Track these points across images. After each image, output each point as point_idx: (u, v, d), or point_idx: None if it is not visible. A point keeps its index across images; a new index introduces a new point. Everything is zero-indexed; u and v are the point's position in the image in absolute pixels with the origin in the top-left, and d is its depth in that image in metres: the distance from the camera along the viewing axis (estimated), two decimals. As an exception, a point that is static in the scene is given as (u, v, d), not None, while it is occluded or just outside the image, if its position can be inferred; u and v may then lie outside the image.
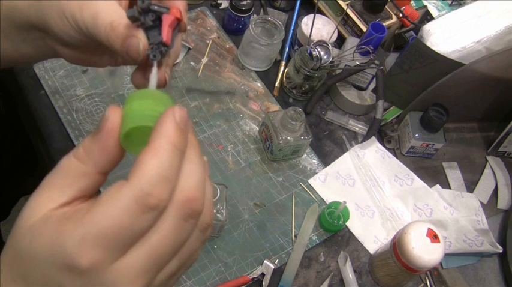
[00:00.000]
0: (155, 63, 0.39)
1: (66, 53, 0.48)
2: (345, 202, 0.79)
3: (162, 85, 0.44)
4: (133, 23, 0.40)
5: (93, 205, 0.30)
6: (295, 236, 0.81)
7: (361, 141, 0.93)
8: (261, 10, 1.06)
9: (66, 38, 0.45)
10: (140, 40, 0.40)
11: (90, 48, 0.48)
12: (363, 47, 0.89)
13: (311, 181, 0.87)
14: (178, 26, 0.41)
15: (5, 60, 0.50)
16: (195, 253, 0.36)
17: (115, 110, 0.33)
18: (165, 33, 0.40)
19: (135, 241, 0.30)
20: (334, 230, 0.83)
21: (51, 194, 0.32)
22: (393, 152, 0.94)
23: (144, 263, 0.31)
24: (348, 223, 0.83)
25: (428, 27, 0.93)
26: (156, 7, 0.40)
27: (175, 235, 0.31)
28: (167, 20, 0.40)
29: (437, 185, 0.92)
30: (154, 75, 0.38)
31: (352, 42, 0.94)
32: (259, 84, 0.96)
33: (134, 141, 0.33)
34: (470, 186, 0.95)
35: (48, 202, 0.32)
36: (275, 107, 0.94)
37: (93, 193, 0.33)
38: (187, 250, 0.33)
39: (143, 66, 0.44)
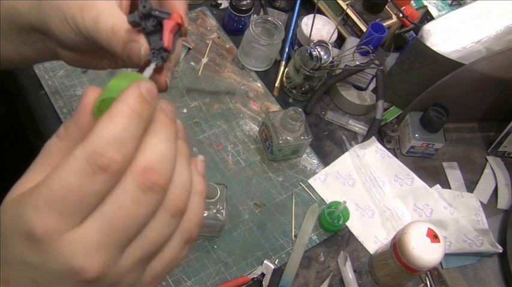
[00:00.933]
0: (154, 63, 0.39)
1: (66, 56, 0.48)
2: (345, 202, 0.79)
3: (163, 89, 0.44)
4: (134, 28, 0.40)
5: (50, 172, 0.29)
6: (295, 236, 0.81)
7: (361, 141, 0.93)
8: (261, 10, 1.06)
9: (67, 41, 0.45)
10: (141, 45, 0.40)
11: (91, 51, 0.48)
12: (363, 47, 0.89)
13: (311, 181, 0.87)
14: (179, 31, 0.41)
15: (5, 61, 0.50)
16: (170, 244, 0.34)
17: (92, 88, 0.33)
18: (166, 39, 0.40)
19: (90, 210, 0.29)
20: (334, 230, 0.83)
21: (32, 175, 0.32)
22: (393, 152, 0.94)
23: (100, 235, 0.29)
24: (348, 223, 0.83)
25: (428, 27, 0.93)
26: (157, 12, 0.40)
27: (132, 207, 0.30)
28: (168, 25, 0.40)
29: (437, 185, 0.92)
30: (150, 69, 0.38)
31: (352, 42, 0.94)
32: (259, 84, 0.96)
33: None
34: (470, 186, 0.95)
35: (28, 182, 0.31)
36: (275, 107, 0.94)
37: None
38: (154, 231, 0.32)
39: (144, 70, 0.45)
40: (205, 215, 0.73)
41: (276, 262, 0.77)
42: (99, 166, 0.28)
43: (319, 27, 0.95)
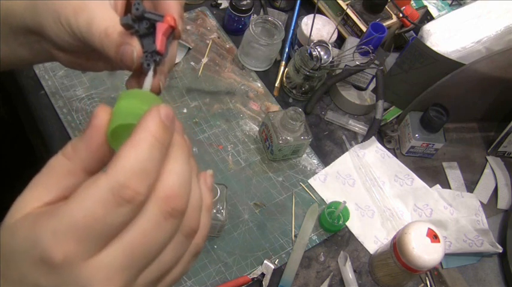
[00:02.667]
0: (152, 68, 0.39)
1: (62, 57, 0.48)
2: (345, 202, 0.79)
3: (156, 92, 0.44)
4: (128, 30, 0.40)
5: (70, 199, 0.29)
6: (295, 236, 0.81)
7: (361, 142, 0.93)
8: (261, 10, 1.06)
9: (61, 43, 0.45)
10: (134, 48, 0.40)
11: (86, 53, 0.48)
12: (363, 47, 0.89)
13: (311, 181, 0.87)
14: (172, 33, 0.41)
15: (2, 63, 0.50)
16: (180, 262, 0.34)
17: (104, 109, 0.32)
18: (159, 42, 0.39)
19: (111, 237, 0.29)
20: (334, 230, 0.83)
21: (37, 193, 0.32)
22: (393, 152, 0.94)
23: (121, 261, 0.29)
24: (348, 223, 0.83)
25: (428, 27, 0.93)
26: (150, 15, 0.39)
27: (154, 234, 0.30)
28: (161, 28, 0.40)
29: (437, 185, 0.92)
30: (149, 78, 0.38)
31: (352, 42, 0.94)
32: (259, 84, 0.96)
33: (122, 140, 0.32)
34: (470, 186, 0.95)
35: (33, 200, 0.31)
36: (275, 107, 0.94)
37: None
38: (169, 254, 0.32)
39: (137, 73, 0.44)
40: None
41: (276, 262, 0.77)
42: (124, 198, 0.29)
43: (319, 27, 0.95)
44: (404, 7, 1.01)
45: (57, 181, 0.32)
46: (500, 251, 0.85)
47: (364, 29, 0.97)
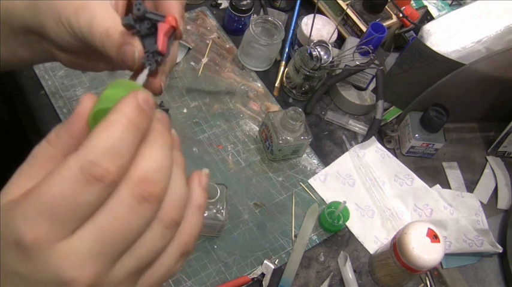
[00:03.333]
0: (148, 67, 0.39)
1: (62, 57, 0.48)
2: (345, 202, 0.79)
3: (158, 93, 0.44)
4: (129, 30, 0.40)
5: (42, 180, 0.29)
6: (295, 236, 0.81)
7: (361, 142, 0.93)
8: (261, 10, 1.06)
9: (62, 43, 0.45)
10: (136, 48, 0.40)
11: (86, 53, 0.48)
12: (363, 47, 0.89)
13: (311, 181, 0.87)
14: (173, 34, 0.41)
15: (3, 63, 0.50)
16: (164, 257, 0.33)
17: (89, 97, 0.32)
18: (161, 42, 0.39)
19: (82, 219, 0.29)
20: (334, 230, 0.83)
21: (20, 181, 0.31)
22: (393, 152, 0.94)
23: (93, 246, 0.29)
24: (348, 223, 0.83)
25: (428, 27, 0.93)
26: (151, 15, 0.39)
27: (127, 218, 0.29)
28: (162, 29, 0.39)
29: (437, 185, 0.92)
30: (143, 75, 0.38)
31: (352, 42, 0.94)
32: (259, 84, 0.96)
33: None
34: (470, 186, 0.95)
35: (16, 188, 0.31)
36: (275, 107, 0.94)
37: None
38: (147, 244, 0.31)
39: (138, 73, 0.44)
40: (205, 215, 0.73)
41: (276, 262, 0.77)
42: (93, 176, 0.28)
43: (319, 27, 0.95)
44: (404, 7, 1.01)
45: (39, 168, 0.31)
46: (500, 251, 0.85)
47: (364, 29, 0.97)
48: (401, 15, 1.00)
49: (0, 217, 0.29)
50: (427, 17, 1.06)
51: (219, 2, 1.04)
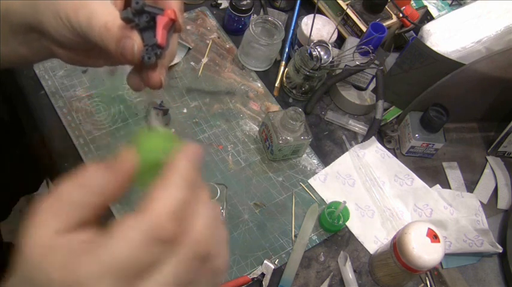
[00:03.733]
0: (153, 112, 0.39)
1: (62, 54, 0.48)
2: (345, 202, 0.79)
3: (157, 86, 0.44)
4: (128, 24, 0.40)
5: (107, 239, 0.30)
6: (295, 236, 0.81)
7: (361, 142, 0.93)
8: (261, 10, 1.06)
9: (62, 39, 0.45)
10: (135, 41, 0.40)
11: (86, 50, 0.48)
12: (363, 47, 0.89)
13: (311, 181, 0.87)
14: (173, 27, 0.41)
15: (3, 61, 0.50)
16: None
17: (129, 149, 0.33)
18: (160, 35, 0.39)
19: (145, 273, 0.30)
20: (334, 230, 0.83)
21: (52, 222, 0.31)
22: (393, 152, 0.95)
23: None
24: (348, 223, 0.83)
25: (428, 27, 0.93)
26: (150, 8, 0.39)
27: (182, 275, 0.31)
28: (161, 22, 0.39)
29: (437, 185, 0.92)
30: (154, 119, 0.39)
31: (352, 42, 0.94)
32: (259, 84, 0.96)
33: (144, 178, 0.33)
34: (470, 186, 0.95)
35: (43, 228, 0.31)
36: (275, 107, 0.94)
37: (96, 221, 0.33)
38: None
39: (138, 67, 0.44)
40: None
41: (276, 262, 0.77)
42: (159, 239, 0.30)
43: (319, 27, 0.95)
44: (404, 7, 1.01)
45: (72, 212, 0.32)
46: (500, 251, 0.85)
47: (364, 29, 0.97)
48: (401, 15, 1.00)
49: (55, 262, 0.30)
50: (427, 17, 1.06)
51: (219, 2, 1.04)
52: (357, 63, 0.91)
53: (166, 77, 0.45)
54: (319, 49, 0.89)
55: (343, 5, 0.99)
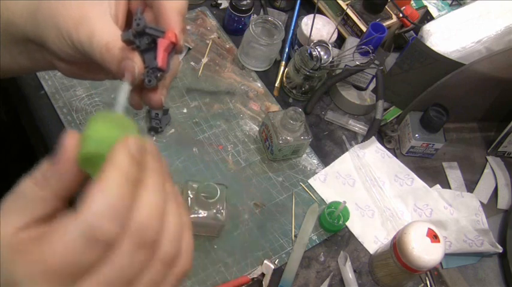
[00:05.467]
0: (127, 81, 0.39)
1: (62, 68, 0.48)
2: (345, 202, 0.79)
3: (158, 107, 0.44)
4: (129, 45, 0.40)
5: (44, 239, 0.30)
6: (295, 236, 0.81)
7: (361, 141, 0.93)
8: (261, 10, 1.06)
9: (62, 55, 0.44)
10: (136, 64, 0.40)
11: (87, 64, 0.48)
12: (363, 47, 0.89)
13: (311, 181, 0.87)
14: (174, 49, 0.41)
15: (4, 71, 0.49)
16: (165, 284, 0.34)
17: (72, 135, 0.33)
18: (160, 58, 0.39)
19: (84, 273, 0.30)
20: (334, 230, 0.83)
21: (9, 219, 0.32)
22: (393, 152, 0.94)
23: None
24: (348, 223, 0.83)
25: (428, 27, 0.93)
26: (151, 30, 0.39)
27: (128, 267, 0.31)
28: (162, 44, 0.39)
29: (437, 185, 0.92)
30: (124, 93, 0.37)
31: (352, 42, 0.94)
32: (259, 84, 0.96)
33: (92, 164, 0.32)
34: (470, 186, 0.95)
35: (5, 226, 0.31)
36: (275, 107, 0.94)
37: (52, 217, 0.33)
38: (146, 281, 0.32)
39: (139, 87, 0.44)
40: (205, 215, 0.73)
41: (276, 262, 0.77)
42: (95, 239, 0.29)
43: (319, 27, 0.95)
44: (404, 7, 1.01)
45: (29, 208, 0.32)
46: (500, 251, 0.85)
47: (364, 29, 0.97)
48: (401, 15, 1.00)
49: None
50: (427, 17, 1.06)
51: (219, 2, 1.04)
52: (357, 63, 0.91)
53: (167, 96, 0.45)
54: (319, 49, 0.89)
55: (343, 5, 0.99)
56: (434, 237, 0.71)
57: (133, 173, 0.31)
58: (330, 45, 0.90)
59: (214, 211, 0.73)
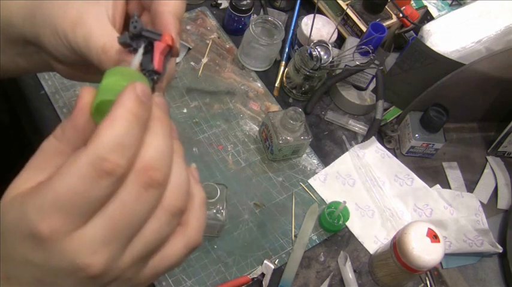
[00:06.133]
0: (142, 47, 0.39)
1: (60, 69, 0.48)
2: (345, 202, 0.79)
3: None
4: (125, 48, 0.40)
5: (54, 175, 0.30)
6: (295, 236, 0.81)
7: (361, 141, 0.93)
8: (261, 10, 1.06)
9: (59, 56, 0.44)
10: (132, 66, 0.40)
11: (84, 66, 0.48)
12: (363, 47, 0.89)
13: (311, 181, 0.87)
14: (170, 51, 0.41)
15: (1, 71, 0.49)
16: (171, 246, 0.35)
17: (87, 89, 0.34)
18: (157, 61, 0.39)
19: (94, 210, 0.30)
20: (334, 230, 0.83)
21: (30, 174, 0.33)
22: (393, 152, 0.94)
23: (104, 233, 0.30)
24: (348, 223, 0.83)
25: (428, 27, 0.93)
26: (147, 33, 0.39)
27: (135, 205, 0.31)
28: (159, 47, 0.39)
29: (437, 185, 0.92)
30: (138, 56, 0.38)
31: (352, 42, 0.94)
32: (259, 84, 0.96)
33: (105, 114, 0.33)
34: (470, 186, 0.95)
35: (26, 181, 0.32)
36: (275, 107, 0.94)
37: None
38: (153, 229, 0.33)
39: None
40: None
41: (276, 262, 0.77)
42: (104, 171, 0.30)
43: (319, 27, 0.95)
44: (404, 7, 1.01)
45: (49, 161, 0.33)
46: (500, 251, 0.85)
47: (364, 29, 0.97)
48: (401, 15, 1.00)
49: (12, 208, 0.31)
50: (427, 17, 1.06)
51: (219, 2, 1.04)
52: (357, 63, 0.91)
53: (164, 97, 0.45)
54: (319, 49, 0.89)
55: (343, 5, 0.99)
56: (434, 237, 0.71)
57: (141, 114, 0.32)
58: (330, 45, 0.90)
59: (214, 211, 0.73)
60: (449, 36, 0.92)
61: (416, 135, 0.91)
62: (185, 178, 0.35)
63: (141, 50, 0.38)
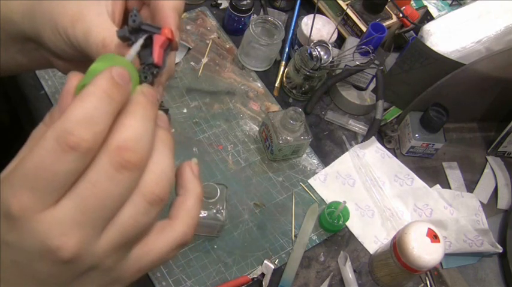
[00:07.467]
0: (142, 39, 0.39)
1: (60, 65, 0.48)
2: (345, 202, 0.79)
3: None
4: (124, 42, 0.40)
5: (27, 153, 0.30)
6: (295, 236, 0.81)
7: (361, 141, 0.93)
8: (261, 10, 1.06)
9: (59, 51, 0.44)
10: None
11: (84, 62, 0.48)
12: (363, 47, 0.89)
13: (311, 181, 0.87)
14: (169, 45, 0.41)
15: (1, 69, 0.50)
16: (157, 242, 0.34)
17: (75, 74, 0.34)
18: (156, 55, 0.39)
19: (64, 189, 0.30)
20: (334, 230, 0.83)
21: (16, 160, 0.33)
22: (393, 152, 0.94)
23: (75, 214, 0.29)
24: (348, 223, 0.83)
25: (428, 27, 0.93)
26: (147, 27, 0.39)
27: (106, 186, 0.30)
28: (158, 41, 0.39)
29: (437, 185, 0.92)
30: (135, 47, 0.38)
31: (352, 42, 0.94)
32: (259, 84, 0.96)
33: None
34: (470, 186, 0.95)
35: (11, 166, 0.32)
36: (275, 107, 0.94)
37: None
38: (129, 216, 0.31)
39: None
40: (205, 215, 0.73)
41: (276, 262, 0.77)
42: (68, 145, 0.29)
43: (319, 27, 0.95)
44: (404, 7, 1.01)
45: None
46: (500, 251, 0.85)
47: (364, 29, 0.97)
48: (401, 15, 1.00)
49: None
50: (427, 17, 1.06)
51: (219, 2, 1.04)
52: (357, 63, 0.91)
53: (163, 93, 0.45)
54: (319, 49, 0.89)
55: (343, 5, 0.99)
56: (434, 237, 0.71)
57: (114, 95, 0.31)
58: (330, 45, 0.90)
59: (214, 211, 0.73)
60: (449, 36, 0.92)
61: (416, 135, 0.91)
62: (168, 167, 0.33)
63: (140, 41, 0.38)
